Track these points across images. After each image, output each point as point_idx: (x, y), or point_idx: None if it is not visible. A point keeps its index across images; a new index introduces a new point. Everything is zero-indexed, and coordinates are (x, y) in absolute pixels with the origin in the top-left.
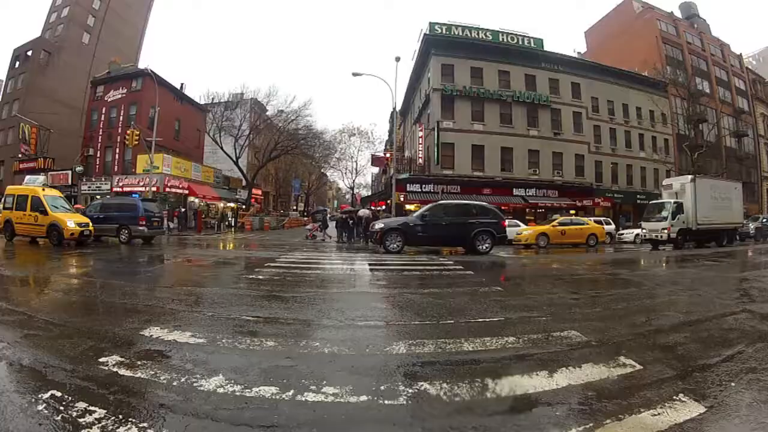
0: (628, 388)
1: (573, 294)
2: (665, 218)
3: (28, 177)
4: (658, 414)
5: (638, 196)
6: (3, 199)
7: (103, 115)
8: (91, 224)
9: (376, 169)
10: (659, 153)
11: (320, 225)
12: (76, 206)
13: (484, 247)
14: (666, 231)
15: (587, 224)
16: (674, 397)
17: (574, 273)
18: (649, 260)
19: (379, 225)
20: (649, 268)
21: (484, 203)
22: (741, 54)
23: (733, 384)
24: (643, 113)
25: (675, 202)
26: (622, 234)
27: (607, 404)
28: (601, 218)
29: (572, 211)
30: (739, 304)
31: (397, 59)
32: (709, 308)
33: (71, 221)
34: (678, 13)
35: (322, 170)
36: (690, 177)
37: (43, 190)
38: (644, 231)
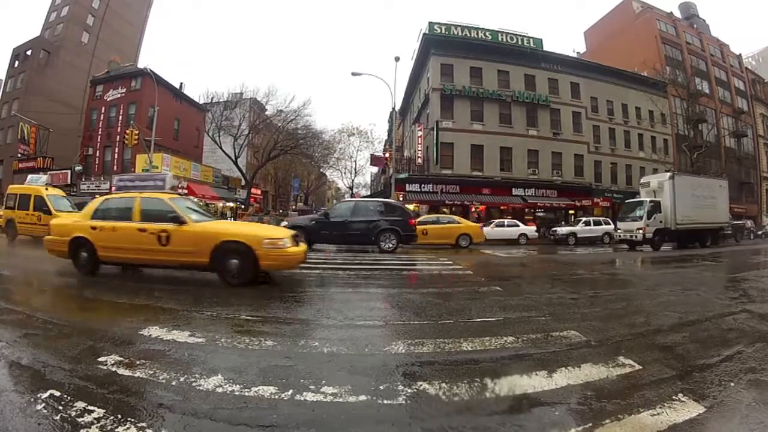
0: (627, 388)
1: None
2: (640, 218)
3: (30, 176)
4: (658, 414)
5: (637, 196)
6: (5, 199)
7: (102, 115)
8: None
9: (375, 169)
10: (658, 153)
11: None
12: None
13: (389, 246)
14: (641, 231)
15: (459, 224)
16: (674, 397)
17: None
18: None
19: (283, 223)
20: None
21: (392, 201)
22: (740, 54)
23: (732, 384)
24: (642, 113)
25: (651, 201)
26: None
27: (606, 404)
28: (600, 218)
29: (571, 211)
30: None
31: (397, 59)
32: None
33: None
34: (677, 13)
35: (321, 170)
36: (668, 174)
37: (47, 189)
38: (619, 231)
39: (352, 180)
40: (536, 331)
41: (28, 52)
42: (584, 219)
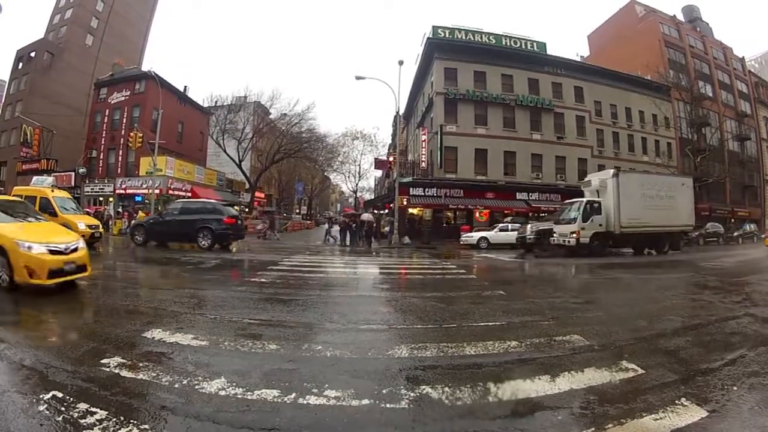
0: (630, 393)
1: None
2: (574, 220)
3: (35, 178)
4: (660, 418)
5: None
6: None
7: (106, 117)
8: (101, 226)
9: (379, 173)
10: (662, 157)
11: (269, 225)
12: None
13: (204, 243)
14: (575, 235)
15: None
16: (676, 402)
17: None
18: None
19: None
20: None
21: (216, 203)
22: (743, 57)
23: (735, 388)
24: (645, 117)
25: (588, 201)
26: None
27: (609, 408)
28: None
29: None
30: None
31: (401, 63)
32: None
33: (82, 223)
34: (681, 17)
35: (325, 174)
36: (612, 171)
37: (52, 191)
38: (555, 235)
39: (356, 184)
40: (539, 335)
41: (32, 54)
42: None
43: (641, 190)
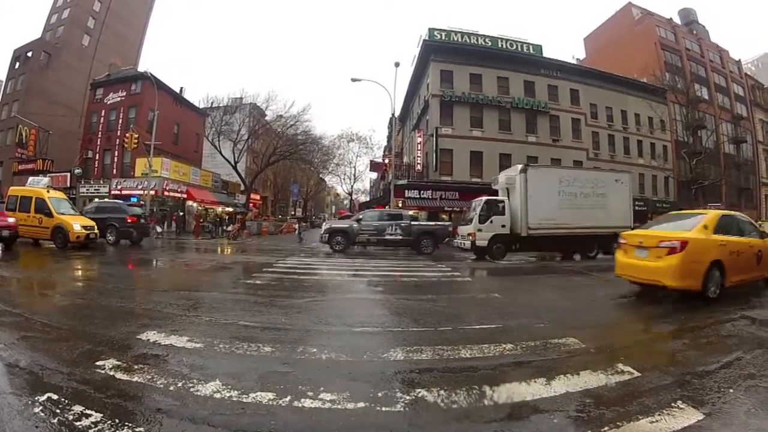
0: (626, 395)
1: None
2: (471, 220)
3: (31, 178)
4: (656, 421)
5: (636, 202)
6: (6, 201)
7: (102, 118)
8: (96, 227)
9: (374, 175)
10: (658, 160)
11: (240, 226)
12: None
13: (111, 239)
14: (471, 237)
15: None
16: (672, 404)
17: None
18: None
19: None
20: None
21: (122, 204)
22: (740, 60)
23: (731, 390)
24: (641, 120)
25: (487, 200)
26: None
27: (605, 411)
28: None
29: None
30: None
31: (397, 65)
32: None
33: (77, 224)
34: (677, 20)
35: (320, 176)
36: (520, 167)
37: (48, 192)
38: (458, 237)
39: (351, 186)
40: (535, 338)
41: (29, 54)
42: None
43: (559, 186)
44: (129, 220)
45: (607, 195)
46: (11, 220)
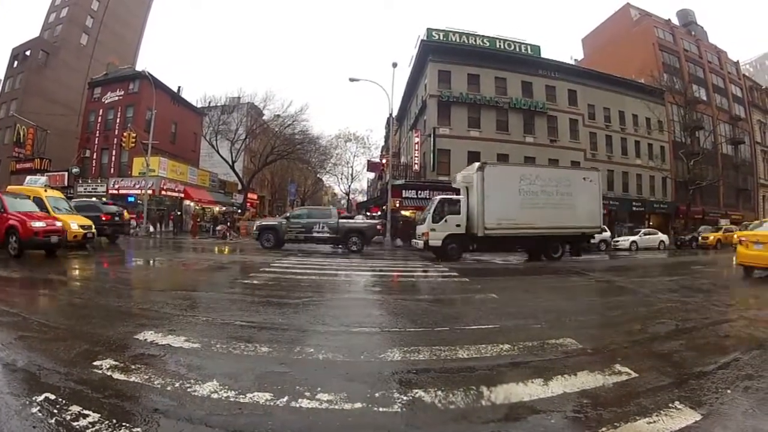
0: (623, 396)
1: None
2: (425, 220)
3: (29, 178)
4: (654, 422)
5: (634, 203)
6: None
7: (100, 117)
8: (93, 227)
9: (372, 175)
10: (655, 160)
11: (230, 225)
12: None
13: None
14: (424, 237)
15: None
16: (670, 405)
17: None
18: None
19: None
20: None
21: (97, 202)
22: (738, 61)
23: (729, 391)
24: (639, 120)
25: (441, 200)
26: (618, 241)
27: (602, 412)
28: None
29: None
30: None
31: (394, 65)
32: None
33: (74, 223)
34: (675, 21)
35: (318, 175)
36: (477, 164)
37: (45, 191)
38: (416, 237)
39: (349, 186)
40: (532, 338)
41: (27, 53)
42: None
43: (519, 185)
44: (103, 218)
45: (573, 194)
46: (59, 224)
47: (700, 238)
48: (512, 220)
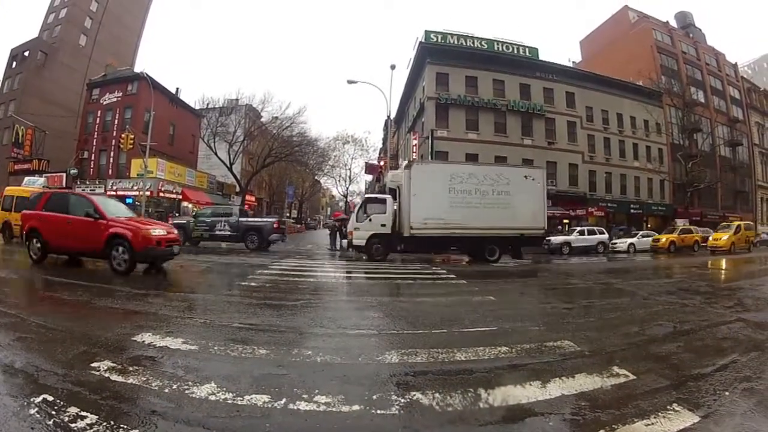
0: (621, 398)
1: None
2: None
3: (27, 178)
4: (652, 424)
5: (632, 205)
6: (2, 201)
7: (98, 118)
8: None
9: (369, 177)
10: (653, 162)
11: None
12: None
13: None
14: (349, 236)
15: None
16: (668, 407)
17: None
18: None
19: None
20: None
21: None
22: (736, 63)
23: (727, 393)
24: (637, 123)
25: (366, 199)
26: (615, 243)
27: (600, 414)
28: (595, 227)
29: (566, 221)
30: None
31: (392, 67)
32: None
33: None
34: (673, 23)
35: (315, 177)
36: (405, 162)
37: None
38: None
39: (347, 188)
40: (530, 341)
41: (26, 53)
42: (578, 228)
43: (450, 184)
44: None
45: (512, 193)
46: (176, 231)
47: (651, 240)
48: (441, 220)
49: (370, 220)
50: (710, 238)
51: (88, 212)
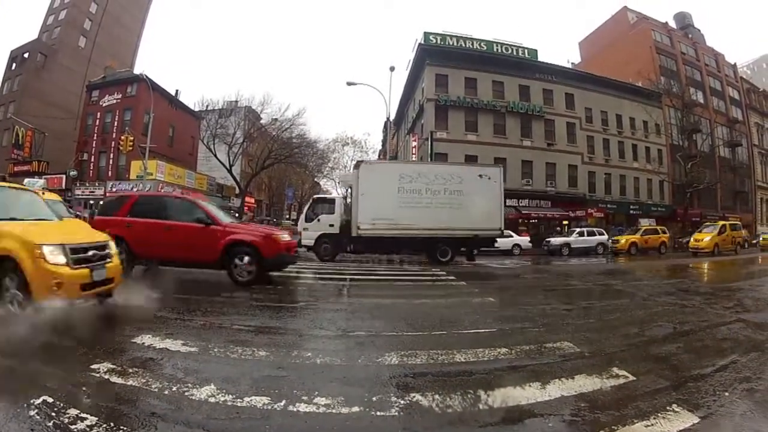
0: (621, 399)
1: None
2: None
3: (27, 180)
4: (652, 425)
5: (631, 206)
6: None
7: (97, 120)
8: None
9: None
10: (653, 163)
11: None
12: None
13: None
14: (299, 236)
15: None
16: (667, 408)
17: None
18: None
19: None
20: None
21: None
22: (735, 63)
23: (726, 393)
24: (636, 124)
25: (315, 199)
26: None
27: (600, 415)
28: (594, 228)
29: (565, 222)
30: None
31: (392, 69)
32: None
33: None
34: (672, 24)
35: (315, 179)
36: (356, 163)
37: (43, 194)
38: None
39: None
40: (530, 342)
41: (26, 55)
42: (578, 229)
43: (399, 183)
44: None
45: (465, 192)
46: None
47: (610, 242)
48: (389, 220)
49: (318, 220)
50: (692, 239)
51: (199, 218)
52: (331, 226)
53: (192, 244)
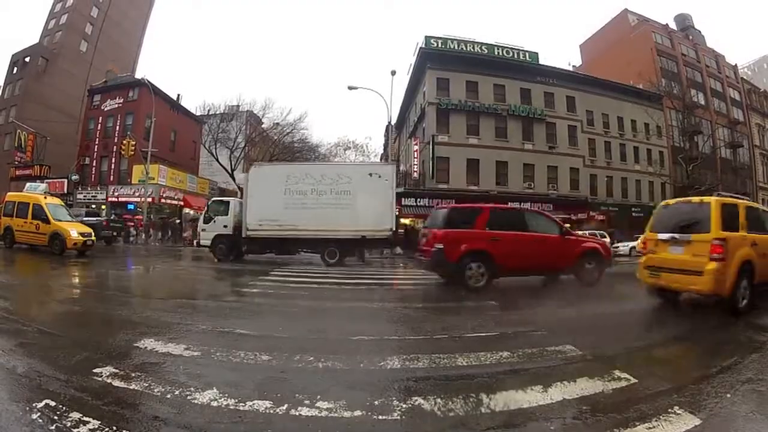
0: (622, 402)
1: None
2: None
3: (29, 184)
4: (653, 427)
5: (633, 209)
6: (3, 206)
7: (99, 124)
8: (93, 234)
9: None
10: (654, 166)
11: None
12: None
13: None
14: (197, 236)
15: None
16: (669, 410)
17: None
18: None
19: None
20: None
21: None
22: (736, 65)
23: (728, 395)
24: (638, 126)
25: (213, 201)
26: (617, 247)
27: (601, 418)
28: (596, 231)
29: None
30: None
31: (393, 73)
32: None
33: (74, 231)
34: (673, 25)
35: None
36: (251, 165)
37: (45, 198)
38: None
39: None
40: (532, 345)
41: (27, 59)
42: (580, 233)
43: (285, 184)
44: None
45: (353, 193)
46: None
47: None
48: (275, 221)
49: (214, 221)
50: None
51: (561, 230)
52: (225, 227)
53: (554, 253)
